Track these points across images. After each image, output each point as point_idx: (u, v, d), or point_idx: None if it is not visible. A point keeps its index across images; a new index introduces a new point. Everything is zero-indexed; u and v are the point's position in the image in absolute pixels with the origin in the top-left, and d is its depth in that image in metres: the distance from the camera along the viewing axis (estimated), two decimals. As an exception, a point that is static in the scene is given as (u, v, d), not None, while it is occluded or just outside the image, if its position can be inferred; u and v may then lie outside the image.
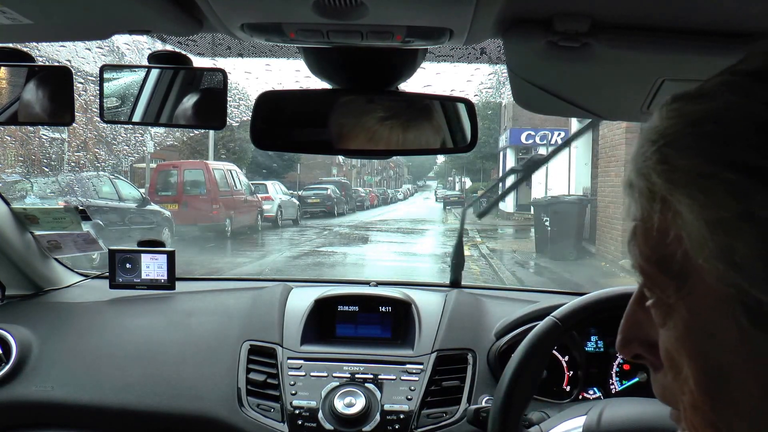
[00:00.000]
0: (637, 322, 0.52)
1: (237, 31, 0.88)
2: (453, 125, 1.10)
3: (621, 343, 0.53)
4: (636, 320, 0.52)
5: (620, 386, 1.61)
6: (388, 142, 1.07)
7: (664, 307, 0.47)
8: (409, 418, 1.50)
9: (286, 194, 17.71)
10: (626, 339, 0.53)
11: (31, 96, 1.14)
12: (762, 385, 0.42)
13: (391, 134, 1.07)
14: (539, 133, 17.52)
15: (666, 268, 0.46)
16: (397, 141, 1.08)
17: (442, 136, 1.10)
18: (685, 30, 0.82)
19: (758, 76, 0.44)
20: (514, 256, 11.99)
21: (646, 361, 0.53)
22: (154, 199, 12.23)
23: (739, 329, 0.42)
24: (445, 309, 1.74)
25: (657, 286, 0.48)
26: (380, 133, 1.07)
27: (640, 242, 0.48)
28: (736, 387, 0.43)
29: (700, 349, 0.45)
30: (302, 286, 1.93)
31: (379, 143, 1.07)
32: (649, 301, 0.50)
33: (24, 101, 1.14)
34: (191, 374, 1.62)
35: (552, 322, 1.19)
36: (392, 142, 1.07)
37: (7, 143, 9.58)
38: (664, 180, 0.45)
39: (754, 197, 0.40)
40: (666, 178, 0.45)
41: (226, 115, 1.08)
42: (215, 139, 17.39)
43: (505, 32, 0.85)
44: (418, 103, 1.09)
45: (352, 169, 38.38)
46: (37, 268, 1.91)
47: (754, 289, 0.40)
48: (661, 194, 0.45)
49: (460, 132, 1.10)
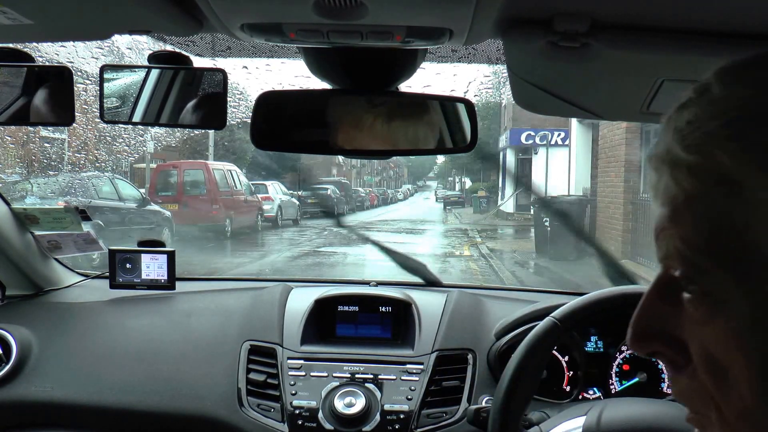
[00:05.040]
0: (658, 316, 0.46)
1: (237, 32, 0.88)
2: (453, 125, 1.10)
3: (635, 338, 0.47)
4: (656, 314, 0.46)
5: (620, 386, 1.61)
6: (388, 142, 1.07)
7: (711, 303, 0.41)
8: (409, 418, 1.50)
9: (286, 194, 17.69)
10: (643, 334, 0.46)
11: (31, 96, 1.14)
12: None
13: (391, 134, 1.07)
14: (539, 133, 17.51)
15: (724, 259, 0.40)
16: (397, 141, 1.08)
17: (441, 137, 1.10)
18: (685, 30, 0.81)
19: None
20: (514, 256, 11.99)
21: (663, 359, 0.47)
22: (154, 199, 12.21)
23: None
24: (445, 309, 1.74)
25: (707, 278, 0.41)
26: (380, 133, 1.07)
27: (687, 228, 0.41)
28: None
29: (761, 347, 0.39)
30: (302, 286, 1.93)
31: (379, 143, 1.07)
32: (686, 295, 0.43)
33: (24, 101, 1.14)
34: (191, 374, 1.62)
35: (552, 323, 1.19)
36: (392, 142, 1.08)
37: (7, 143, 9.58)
38: (736, 159, 0.39)
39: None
40: (738, 158, 0.39)
41: (227, 115, 1.08)
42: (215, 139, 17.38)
43: (505, 32, 0.85)
44: (418, 104, 1.09)
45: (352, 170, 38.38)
46: (38, 268, 1.90)
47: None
48: (728, 175, 0.39)
49: (459, 132, 1.10)
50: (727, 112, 0.40)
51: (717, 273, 0.40)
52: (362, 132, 1.07)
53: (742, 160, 0.38)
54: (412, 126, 1.08)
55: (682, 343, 0.45)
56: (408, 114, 1.08)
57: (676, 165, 0.42)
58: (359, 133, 1.07)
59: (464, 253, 12.31)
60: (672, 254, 0.43)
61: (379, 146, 1.08)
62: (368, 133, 1.07)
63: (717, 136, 0.40)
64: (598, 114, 1.12)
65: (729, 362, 0.41)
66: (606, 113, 1.16)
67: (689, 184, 0.41)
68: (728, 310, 0.40)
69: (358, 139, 1.07)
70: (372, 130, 1.06)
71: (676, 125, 0.43)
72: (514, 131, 18.95)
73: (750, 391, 0.40)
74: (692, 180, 0.41)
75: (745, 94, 0.40)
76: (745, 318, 0.39)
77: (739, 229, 0.39)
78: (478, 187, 25.30)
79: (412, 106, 1.09)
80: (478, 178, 28.68)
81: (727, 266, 0.40)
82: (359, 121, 1.06)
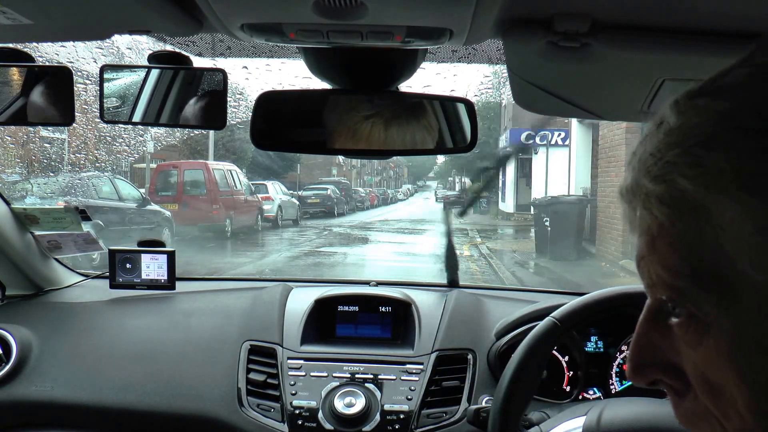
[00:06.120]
0: (652, 345, 0.46)
1: (237, 32, 0.88)
2: (453, 125, 1.10)
3: (634, 371, 0.48)
4: (650, 342, 0.47)
5: (620, 386, 1.60)
6: (387, 143, 1.07)
7: (698, 325, 0.42)
8: (409, 418, 1.50)
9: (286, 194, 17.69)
10: (640, 365, 0.47)
11: (31, 96, 1.14)
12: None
13: (390, 134, 1.07)
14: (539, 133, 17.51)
15: (703, 281, 0.41)
16: (397, 141, 1.08)
17: (442, 136, 1.10)
18: (685, 30, 0.82)
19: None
20: (514, 256, 11.99)
21: (664, 386, 0.47)
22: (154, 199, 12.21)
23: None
24: (445, 309, 1.74)
25: (690, 301, 0.42)
26: (380, 133, 1.07)
27: (664, 256, 0.43)
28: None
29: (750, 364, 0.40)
30: (302, 286, 1.93)
31: (379, 143, 1.07)
32: (674, 320, 0.44)
33: (24, 101, 1.14)
34: (191, 374, 1.62)
35: (552, 323, 1.19)
36: (392, 142, 1.07)
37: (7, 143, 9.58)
38: (698, 185, 0.40)
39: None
40: (700, 183, 0.40)
41: (227, 115, 1.08)
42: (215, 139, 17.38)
43: (505, 32, 0.85)
44: (417, 104, 1.09)
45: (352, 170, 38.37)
46: (38, 268, 1.90)
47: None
48: (694, 201, 0.40)
49: (459, 132, 1.10)
50: (682, 141, 0.41)
51: (698, 295, 0.41)
52: (362, 132, 1.07)
53: (702, 186, 0.40)
54: (411, 126, 1.08)
55: (679, 369, 0.45)
56: (408, 114, 1.08)
57: (647, 196, 0.43)
58: (359, 133, 1.07)
59: (464, 253, 12.31)
60: (655, 281, 0.45)
61: (379, 146, 1.08)
62: (368, 133, 1.07)
63: (677, 164, 0.41)
64: (598, 114, 1.12)
65: (723, 382, 0.41)
66: (606, 113, 1.16)
67: (660, 212, 0.42)
68: (714, 331, 0.41)
69: (358, 139, 1.07)
70: (372, 130, 1.06)
71: (641, 158, 0.44)
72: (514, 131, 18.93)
73: (747, 410, 0.41)
74: (663, 208, 0.42)
75: (693, 122, 0.42)
76: (731, 336, 0.40)
77: (713, 251, 0.40)
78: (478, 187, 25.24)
79: (412, 106, 1.09)
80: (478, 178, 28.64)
81: (706, 288, 0.41)
82: (359, 121, 1.06)
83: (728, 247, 0.39)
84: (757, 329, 0.39)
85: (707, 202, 0.40)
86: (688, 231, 0.41)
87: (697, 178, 0.40)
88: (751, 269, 0.38)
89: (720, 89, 0.42)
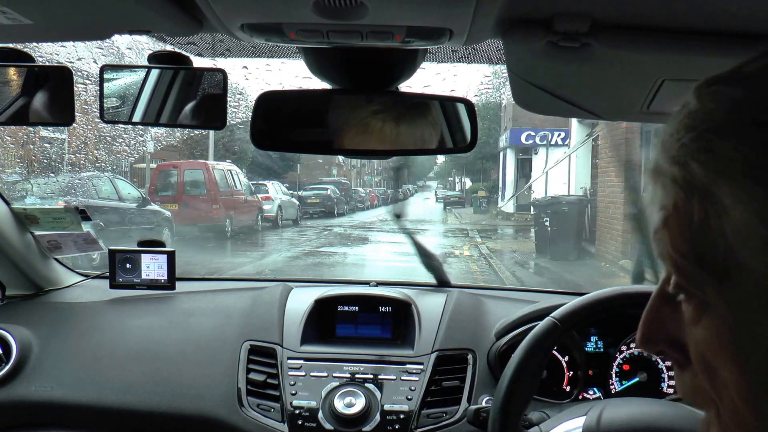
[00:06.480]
0: (660, 319, 0.49)
1: (237, 32, 0.88)
2: (453, 125, 1.10)
3: (643, 339, 0.50)
4: (659, 316, 0.49)
5: (620, 386, 1.61)
6: (387, 142, 1.07)
7: (698, 304, 0.44)
8: (409, 418, 1.50)
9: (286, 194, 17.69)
10: (649, 335, 0.49)
11: (31, 96, 1.14)
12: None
13: (390, 134, 1.07)
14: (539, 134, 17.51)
15: (704, 263, 0.42)
16: (397, 141, 1.08)
17: (442, 136, 1.10)
18: (685, 30, 0.82)
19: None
20: (514, 256, 11.99)
21: (669, 358, 0.50)
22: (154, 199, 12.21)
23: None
24: (445, 309, 1.74)
25: (692, 281, 0.44)
26: (380, 133, 1.07)
27: (673, 234, 0.44)
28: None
29: (743, 350, 0.41)
30: (302, 286, 1.93)
31: (380, 143, 1.07)
32: (680, 296, 0.46)
33: (24, 101, 1.14)
34: (191, 374, 1.62)
35: (552, 323, 1.19)
36: (392, 142, 1.07)
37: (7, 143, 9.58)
38: (707, 170, 0.41)
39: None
40: (709, 168, 0.41)
41: (227, 115, 1.08)
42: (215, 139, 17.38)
43: (505, 32, 0.85)
44: (417, 104, 1.09)
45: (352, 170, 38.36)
46: (38, 268, 1.91)
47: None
48: (702, 185, 0.41)
49: (459, 132, 1.10)
50: (698, 126, 0.42)
51: (701, 277, 0.43)
52: (362, 132, 1.07)
53: (711, 171, 0.41)
54: (411, 126, 1.08)
55: (683, 344, 0.47)
56: (408, 114, 1.08)
57: (664, 175, 0.44)
58: (359, 133, 1.07)
59: (464, 253, 12.31)
60: (665, 256, 0.46)
61: (379, 146, 1.08)
62: (368, 133, 1.07)
63: (690, 148, 0.42)
64: (598, 114, 1.12)
65: (717, 363, 0.43)
66: (606, 113, 1.16)
67: (674, 193, 0.43)
68: (712, 312, 0.43)
69: (358, 139, 1.07)
70: (372, 130, 1.06)
71: (663, 138, 0.45)
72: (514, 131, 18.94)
73: (738, 395, 0.42)
74: (676, 189, 0.43)
75: (709, 108, 0.42)
76: (728, 321, 0.42)
77: (716, 236, 0.41)
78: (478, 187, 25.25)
79: (412, 106, 1.09)
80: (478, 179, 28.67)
81: (708, 271, 0.42)
82: (359, 121, 1.06)
83: (730, 235, 0.40)
84: (753, 316, 0.40)
85: (714, 188, 0.40)
86: (694, 214, 0.42)
87: (707, 164, 0.41)
88: (751, 258, 0.39)
89: (737, 77, 0.43)
